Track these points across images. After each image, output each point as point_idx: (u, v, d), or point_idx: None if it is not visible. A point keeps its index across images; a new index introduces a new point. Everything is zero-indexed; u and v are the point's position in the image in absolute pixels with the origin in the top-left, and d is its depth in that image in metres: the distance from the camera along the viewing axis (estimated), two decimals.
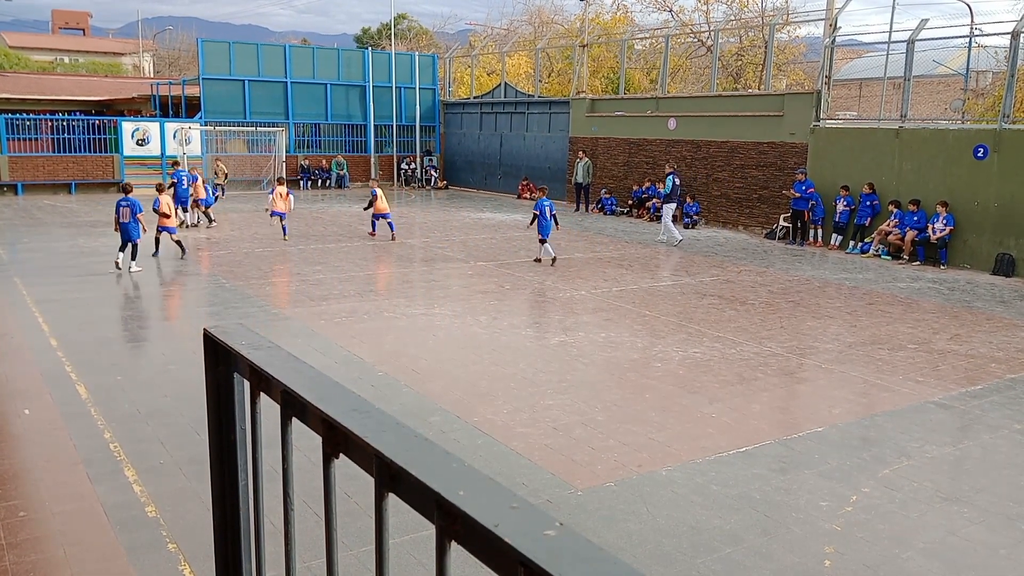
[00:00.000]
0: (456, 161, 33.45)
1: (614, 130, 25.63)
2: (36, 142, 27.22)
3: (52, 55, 62.80)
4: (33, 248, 16.20)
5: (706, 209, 22.46)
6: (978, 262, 16.35)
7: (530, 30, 42.76)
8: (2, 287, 12.31)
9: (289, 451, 1.37)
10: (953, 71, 27.18)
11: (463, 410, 7.39)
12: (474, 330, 10.42)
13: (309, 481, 5.41)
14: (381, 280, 13.78)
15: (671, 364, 9.04)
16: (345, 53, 33.05)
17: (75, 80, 45.00)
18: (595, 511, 5.50)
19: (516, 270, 14.75)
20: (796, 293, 13.41)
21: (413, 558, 4.66)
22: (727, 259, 16.78)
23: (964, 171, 16.63)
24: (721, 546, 5.06)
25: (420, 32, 58.63)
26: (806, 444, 6.80)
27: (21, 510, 5.26)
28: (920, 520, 5.50)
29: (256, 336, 1.52)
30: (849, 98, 39.25)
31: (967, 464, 6.58)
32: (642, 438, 6.83)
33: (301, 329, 10.23)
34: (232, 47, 29.66)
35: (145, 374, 8.27)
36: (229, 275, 13.69)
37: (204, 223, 19.58)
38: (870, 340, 10.36)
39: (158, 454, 6.26)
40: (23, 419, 6.92)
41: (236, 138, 29.48)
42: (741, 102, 22.43)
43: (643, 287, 13.47)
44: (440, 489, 0.95)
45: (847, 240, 18.52)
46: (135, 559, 4.74)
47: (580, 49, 29.80)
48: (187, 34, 68.63)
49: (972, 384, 8.62)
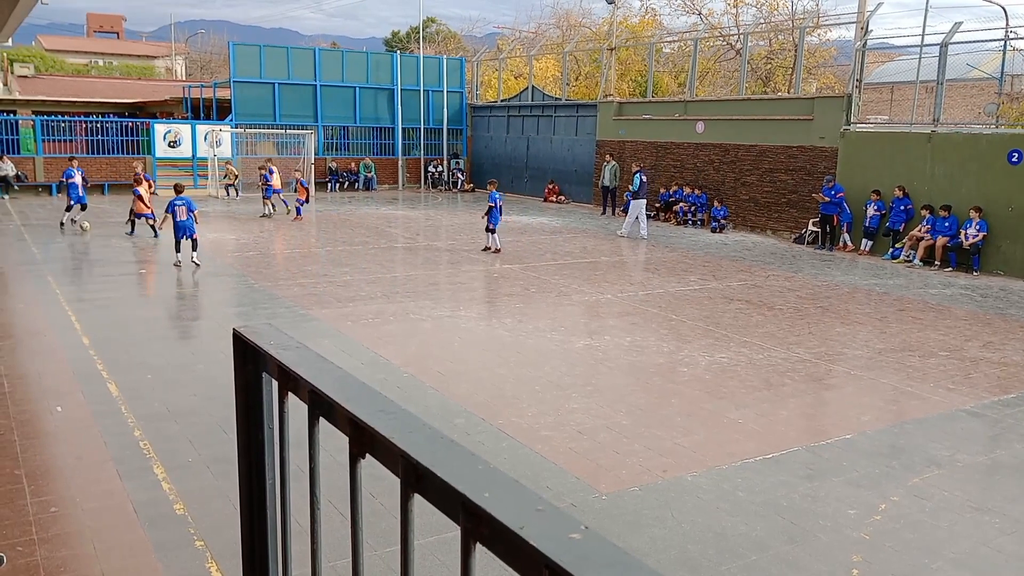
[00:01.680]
0: (483, 164, 33.51)
1: (642, 133, 25.54)
2: (71, 143, 27.67)
3: (87, 58, 63.81)
4: (66, 248, 16.46)
5: (734, 213, 22.30)
6: (1012, 268, 16.08)
7: (558, 33, 42.75)
8: (36, 286, 12.53)
9: (316, 451, 1.38)
10: (987, 75, 26.77)
11: (488, 412, 7.40)
12: (499, 333, 10.43)
13: (335, 481, 5.45)
14: (407, 282, 13.84)
15: (697, 369, 8.99)
16: (374, 57, 33.26)
17: (109, 82, 45.75)
18: (619, 516, 5.48)
19: (542, 273, 14.74)
20: (825, 298, 13.27)
21: (438, 559, 4.67)
22: (755, 264, 16.65)
23: (998, 176, 16.37)
24: (747, 553, 5.02)
25: (448, 36, 58.84)
26: (834, 451, 6.73)
27: (53, 506, 5.34)
28: (950, 530, 5.41)
29: (285, 336, 1.53)
30: (880, 102, 38.79)
31: (999, 474, 6.47)
32: (667, 443, 6.79)
33: (328, 330, 10.30)
34: (263, 51, 29.95)
35: (174, 373, 8.37)
36: (257, 276, 13.83)
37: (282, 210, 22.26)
38: (900, 347, 10.22)
39: (186, 452, 6.33)
40: (55, 416, 7.03)
41: (266, 140, 29.77)
42: (770, 106, 22.25)
43: (669, 291, 13.40)
44: (466, 490, 0.96)
45: (880, 245, 18.30)
46: (163, 555, 4.80)
47: (608, 52, 29.75)
48: (218, 37, 69.45)
49: (1005, 392, 8.48)
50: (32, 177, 26.29)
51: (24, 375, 8.19)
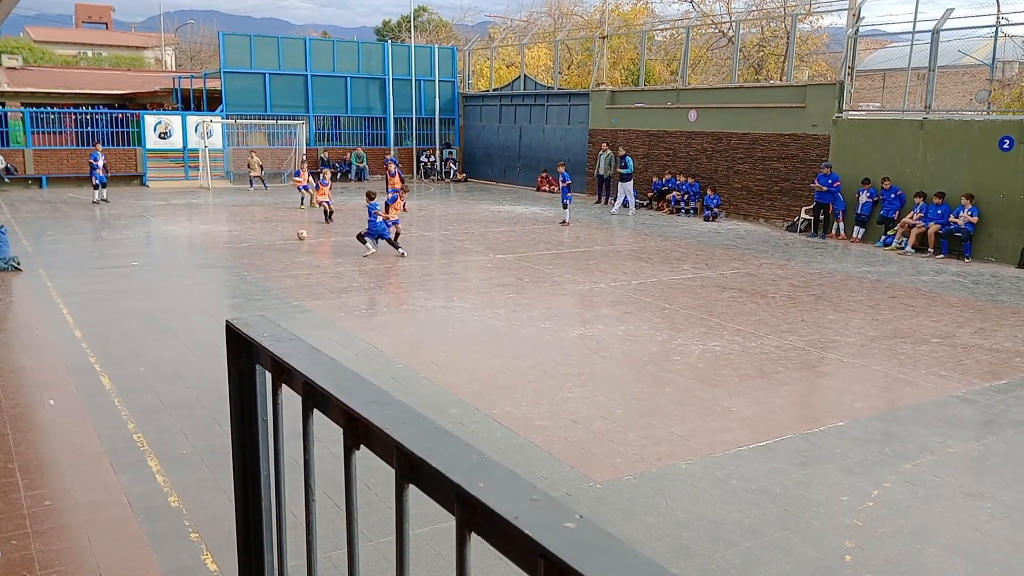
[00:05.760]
0: (475, 154, 33.45)
1: (634, 122, 25.51)
2: (60, 135, 27.51)
3: (75, 49, 63.39)
4: (58, 240, 16.39)
5: (727, 201, 22.32)
6: (1003, 255, 16.14)
7: (550, 22, 42.62)
8: (28, 279, 12.48)
9: (310, 442, 1.38)
10: (979, 61, 26.78)
11: (482, 403, 7.41)
12: (493, 323, 10.43)
13: (330, 472, 5.45)
14: (400, 273, 13.82)
15: (691, 358, 9.01)
16: (365, 46, 33.11)
17: (98, 74, 45.44)
18: (614, 504, 5.50)
19: (536, 263, 14.74)
20: (818, 286, 13.30)
21: (433, 549, 4.68)
22: (748, 252, 16.68)
23: (990, 163, 16.41)
24: (741, 540, 5.05)
25: (440, 25, 58.57)
26: (827, 438, 6.76)
27: (47, 499, 5.34)
28: (943, 515, 5.45)
29: (278, 328, 1.53)
30: (872, 89, 38.79)
31: (991, 459, 6.51)
32: (661, 431, 6.81)
33: (321, 321, 10.29)
34: (253, 40, 29.78)
35: (168, 365, 8.35)
36: (250, 267, 13.79)
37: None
38: (893, 334, 10.27)
39: (181, 445, 6.33)
40: (48, 409, 7.02)
41: (257, 131, 29.65)
42: (763, 93, 22.25)
43: (663, 280, 13.42)
44: (460, 480, 0.96)
45: (873, 232, 18.34)
46: (158, 548, 4.80)
47: (600, 41, 29.67)
48: (208, 28, 69.04)
49: (996, 379, 8.52)
50: (22, 170, 26.12)
51: (17, 368, 8.17)
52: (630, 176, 22.82)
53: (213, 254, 15.16)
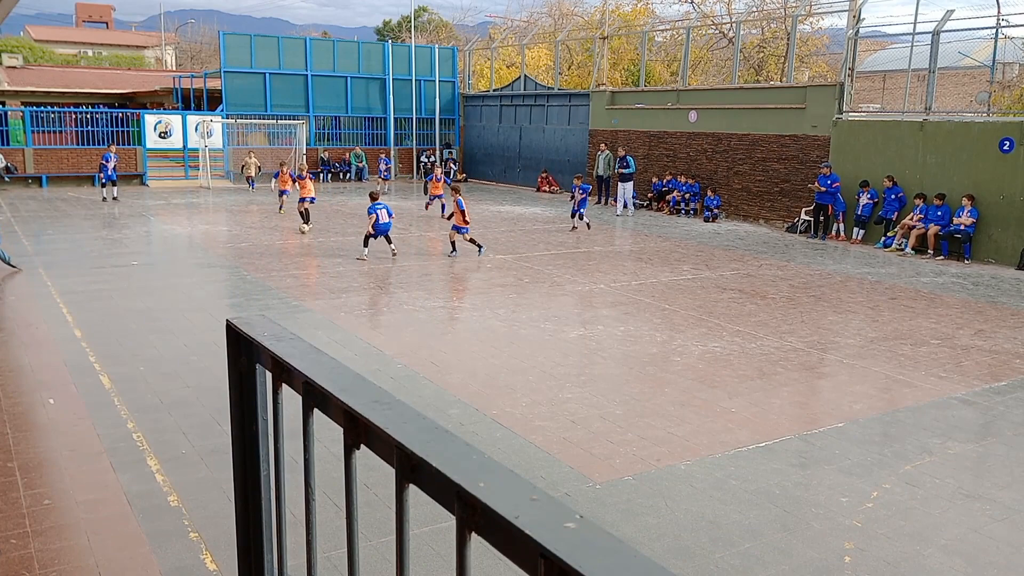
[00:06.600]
0: (475, 154, 33.45)
1: (634, 123, 25.51)
2: (60, 135, 27.50)
3: (76, 48, 63.36)
4: (57, 240, 16.38)
5: (727, 202, 22.32)
6: (1003, 257, 16.14)
7: (550, 22, 42.62)
8: (27, 278, 12.47)
9: (310, 442, 1.38)
10: (979, 63, 26.79)
11: (482, 403, 7.41)
12: (493, 323, 10.43)
13: (329, 472, 5.41)
14: (400, 273, 13.82)
15: (690, 358, 9.01)
16: (365, 46, 33.11)
17: (98, 73, 45.43)
18: (613, 505, 5.50)
19: (535, 263, 14.74)
20: (817, 287, 13.30)
21: (432, 549, 4.68)
22: (748, 253, 16.68)
23: (990, 164, 16.42)
24: (740, 541, 5.05)
25: (440, 25, 58.57)
26: (826, 439, 6.76)
27: (46, 498, 5.33)
28: (942, 517, 5.45)
29: (278, 328, 1.53)
30: (872, 90, 38.78)
31: (990, 461, 6.51)
32: (661, 432, 6.81)
33: (321, 321, 10.29)
34: (253, 40, 29.78)
35: (168, 365, 8.35)
36: (250, 267, 13.79)
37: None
38: (892, 335, 10.27)
39: (180, 444, 6.32)
40: (48, 409, 7.01)
41: (257, 131, 29.64)
42: (763, 94, 22.25)
43: (663, 280, 13.42)
44: (461, 480, 0.96)
45: (872, 233, 18.34)
46: (157, 547, 4.80)
47: (600, 41, 29.67)
48: (208, 27, 69.03)
49: (996, 380, 8.53)
50: (22, 169, 26.12)
51: (16, 367, 8.17)
52: (631, 176, 22.85)
53: (213, 253, 15.16)
